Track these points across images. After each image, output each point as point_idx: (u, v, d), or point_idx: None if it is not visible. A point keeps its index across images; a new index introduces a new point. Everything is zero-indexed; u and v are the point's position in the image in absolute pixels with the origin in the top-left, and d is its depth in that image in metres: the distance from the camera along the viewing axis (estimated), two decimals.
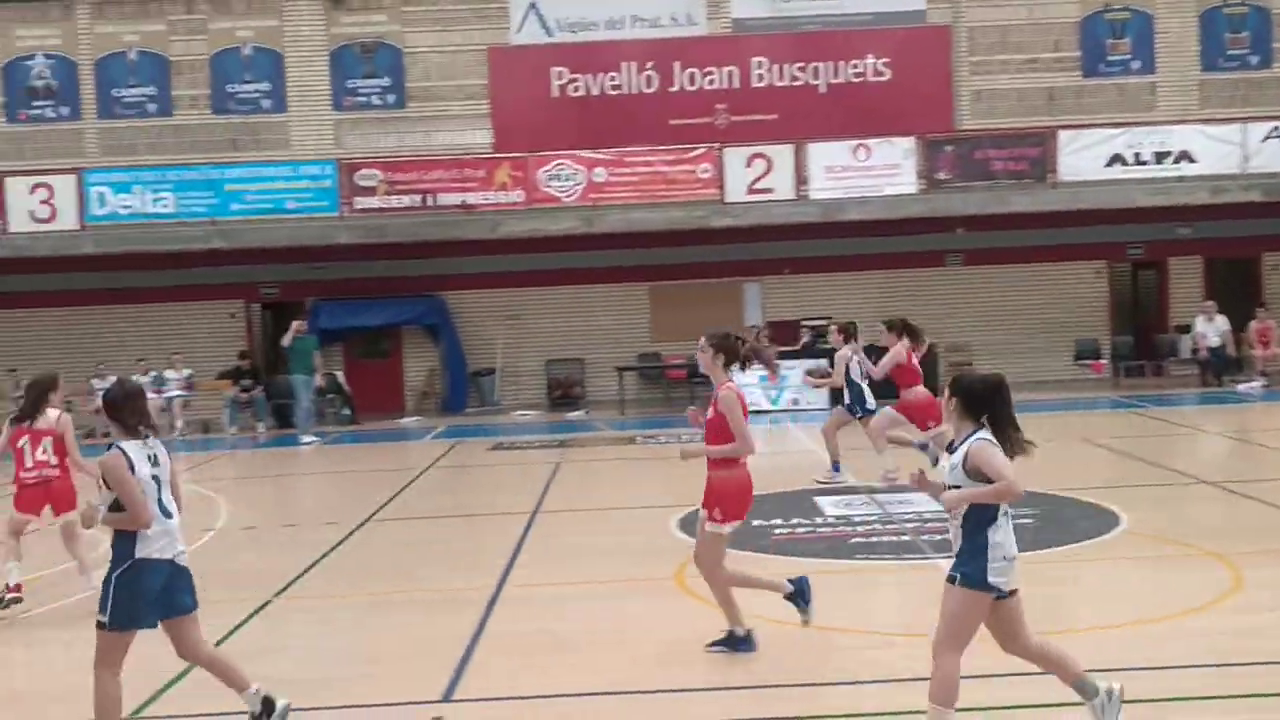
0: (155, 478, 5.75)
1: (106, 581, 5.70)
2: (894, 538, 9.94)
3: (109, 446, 5.79)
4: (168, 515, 5.76)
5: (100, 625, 5.66)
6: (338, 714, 6.41)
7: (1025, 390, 16.44)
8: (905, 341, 12.37)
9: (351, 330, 23.09)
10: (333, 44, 23.14)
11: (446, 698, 6.52)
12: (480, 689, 6.67)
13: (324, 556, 10.44)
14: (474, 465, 16.81)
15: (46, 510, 9.09)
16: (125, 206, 21.33)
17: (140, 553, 5.63)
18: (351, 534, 11.42)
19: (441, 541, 11.39)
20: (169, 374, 21.46)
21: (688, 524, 9.83)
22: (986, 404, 5.23)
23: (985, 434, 5.19)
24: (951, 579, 5.21)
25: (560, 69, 23.02)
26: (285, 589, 9.29)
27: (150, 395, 20.95)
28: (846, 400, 12.83)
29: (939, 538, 8.78)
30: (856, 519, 10.77)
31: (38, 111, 22.92)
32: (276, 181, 21.56)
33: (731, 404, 6.83)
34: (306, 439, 19.32)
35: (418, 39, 23.21)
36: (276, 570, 9.91)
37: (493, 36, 23.12)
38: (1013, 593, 5.21)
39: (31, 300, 22.67)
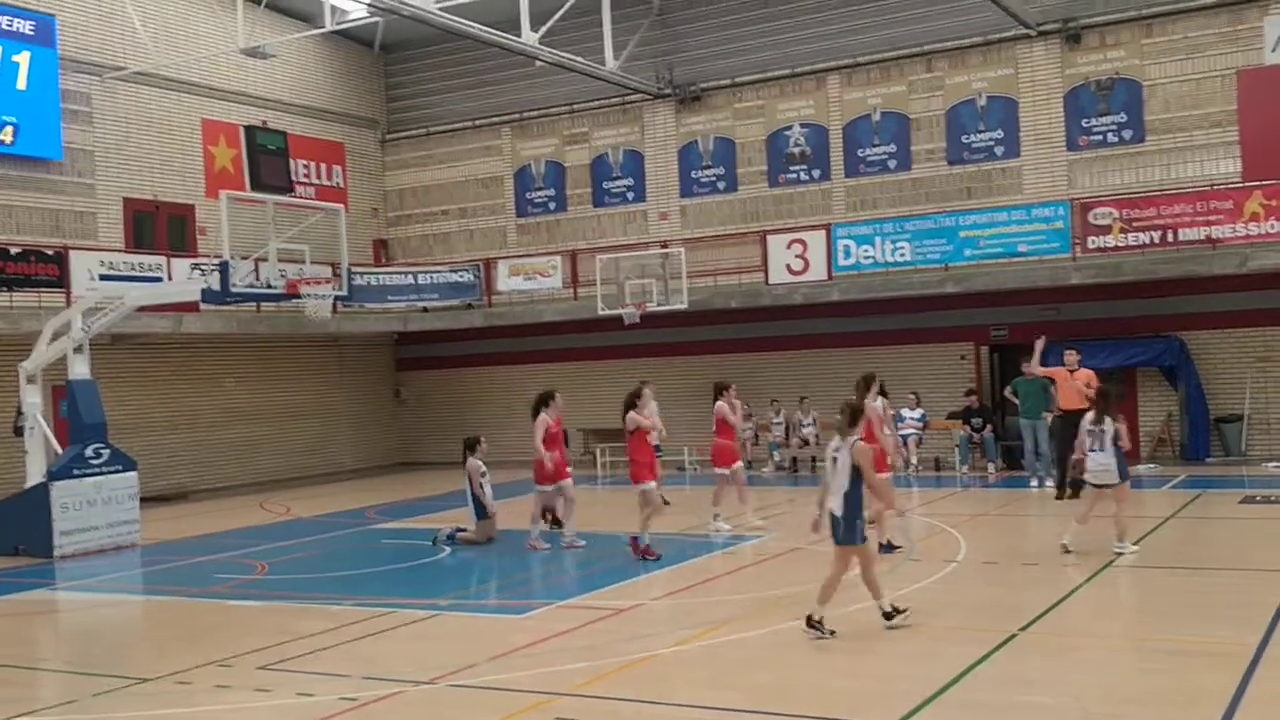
0: None
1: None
2: None
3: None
4: None
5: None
6: None
7: None
8: None
9: None
10: (1067, 85, 23.06)
11: None
12: None
13: (1067, 596, 10.47)
14: (1221, 518, 15.69)
15: None
16: (867, 257, 22.95)
17: None
18: (1093, 576, 11.31)
19: (1190, 592, 10.86)
20: (905, 412, 22.65)
21: None
22: None
23: None
24: None
25: None
26: (1030, 624, 9.47)
27: (884, 432, 22.37)
28: None
29: None
30: None
31: (793, 175, 25.54)
32: (1009, 226, 21.87)
33: None
34: (1034, 482, 19.24)
35: (1158, 70, 22.37)
36: (1020, 605, 10.13)
37: (1242, 59, 21.61)
38: None
39: (791, 343, 25.19)
